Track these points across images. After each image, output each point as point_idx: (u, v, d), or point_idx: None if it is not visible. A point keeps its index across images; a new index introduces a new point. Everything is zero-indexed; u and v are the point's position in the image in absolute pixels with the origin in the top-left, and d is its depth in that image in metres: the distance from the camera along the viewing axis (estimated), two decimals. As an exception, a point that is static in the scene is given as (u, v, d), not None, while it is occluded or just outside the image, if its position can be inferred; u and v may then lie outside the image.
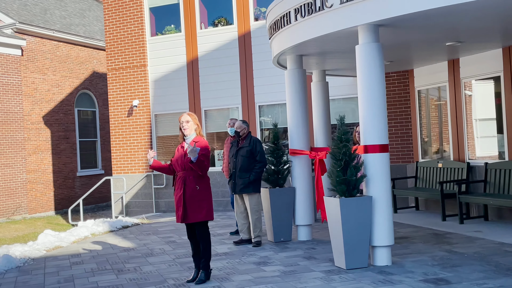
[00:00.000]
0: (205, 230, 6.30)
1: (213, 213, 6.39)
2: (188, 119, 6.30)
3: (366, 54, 6.80)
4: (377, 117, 6.78)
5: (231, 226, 10.66)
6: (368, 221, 6.69)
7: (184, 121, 6.29)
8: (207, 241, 6.32)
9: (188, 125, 6.33)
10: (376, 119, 6.78)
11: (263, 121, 13.82)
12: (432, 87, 11.40)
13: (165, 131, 14.93)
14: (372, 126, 6.79)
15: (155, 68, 14.84)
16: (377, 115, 6.78)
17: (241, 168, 8.43)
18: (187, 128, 6.30)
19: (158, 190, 14.73)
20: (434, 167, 10.99)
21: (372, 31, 6.79)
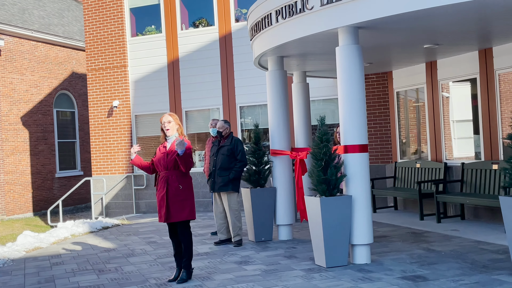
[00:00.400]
0: (187, 230, 6.36)
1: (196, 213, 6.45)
2: (170, 120, 6.35)
3: (346, 55, 6.92)
4: (357, 117, 6.90)
5: (212, 226, 10.72)
6: (348, 220, 6.81)
7: (166, 121, 6.34)
8: (189, 240, 6.37)
9: (170, 125, 6.38)
10: (356, 119, 6.89)
11: (244, 122, 13.89)
12: (410, 88, 11.59)
13: (145, 131, 14.92)
14: (352, 127, 6.91)
15: (136, 69, 14.83)
16: (356, 116, 6.90)
17: (221, 167, 8.50)
18: (169, 128, 6.35)
19: (139, 191, 14.72)
20: (412, 167, 11.17)
21: (352, 33, 6.91)
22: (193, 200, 6.28)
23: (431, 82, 10.77)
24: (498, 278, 5.84)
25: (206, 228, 10.65)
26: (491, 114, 9.41)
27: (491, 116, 9.41)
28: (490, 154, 9.43)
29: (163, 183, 6.23)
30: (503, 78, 9.23)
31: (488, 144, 9.47)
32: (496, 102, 9.31)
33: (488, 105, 9.46)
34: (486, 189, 9.26)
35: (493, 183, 9.12)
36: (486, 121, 9.50)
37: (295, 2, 7.28)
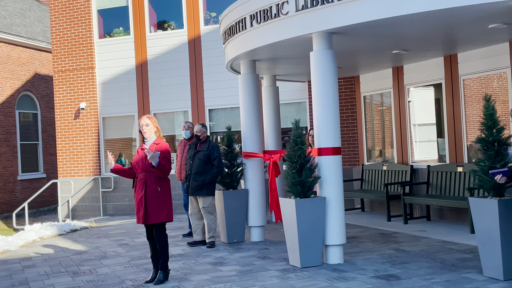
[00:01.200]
0: (163, 232, 6.39)
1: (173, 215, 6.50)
2: (148, 122, 6.38)
3: (320, 60, 7.06)
4: (330, 121, 7.05)
5: (183, 228, 10.73)
6: (322, 221, 6.95)
7: (144, 124, 6.37)
8: (165, 242, 6.40)
9: (148, 128, 6.41)
10: (329, 122, 7.04)
11: (213, 125, 13.94)
12: (377, 93, 11.84)
13: (113, 134, 14.82)
14: (325, 130, 7.05)
15: (103, 71, 14.72)
16: (330, 119, 7.05)
17: (196, 171, 8.54)
18: (147, 131, 6.38)
19: (106, 193, 14.61)
20: (379, 170, 11.42)
21: (326, 38, 7.06)
22: (171, 202, 6.33)
23: (397, 86, 11.04)
24: (468, 276, 6.06)
25: (177, 230, 10.67)
26: (456, 118, 9.72)
27: (456, 120, 9.72)
28: (455, 157, 9.73)
29: (142, 185, 6.26)
30: (467, 83, 9.55)
31: (453, 147, 9.77)
32: (461, 106, 9.62)
33: (453, 109, 9.76)
34: (451, 191, 9.55)
35: (458, 185, 9.42)
36: (451, 125, 9.80)
37: (270, 7, 7.39)
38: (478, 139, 5.96)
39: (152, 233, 6.44)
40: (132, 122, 14.68)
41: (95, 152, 14.72)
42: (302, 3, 6.93)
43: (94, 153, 14.71)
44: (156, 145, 6.36)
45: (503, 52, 8.71)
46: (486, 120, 5.95)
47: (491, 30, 7.52)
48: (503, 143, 5.89)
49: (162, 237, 6.34)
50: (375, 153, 12.08)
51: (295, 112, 13.42)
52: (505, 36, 8.07)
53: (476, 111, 9.41)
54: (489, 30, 7.52)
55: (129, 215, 14.32)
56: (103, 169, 14.73)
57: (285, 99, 13.09)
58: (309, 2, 6.84)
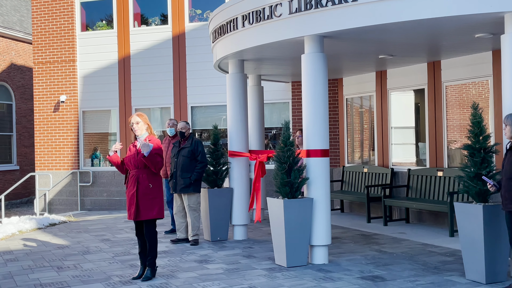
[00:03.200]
0: (153, 228, 6.43)
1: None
2: (138, 120, 6.41)
3: (312, 63, 7.17)
4: (320, 123, 7.16)
5: (165, 225, 10.76)
6: (308, 221, 7.06)
7: (134, 122, 6.40)
8: (154, 239, 6.45)
9: (139, 126, 6.44)
10: (319, 125, 7.16)
11: (196, 122, 13.96)
12: (360, 96, 12.02)
13: (92, 128, 14.74)
14: (314, 132, 7.17)
15: (85, 64, 14.62)
16: (319, 122, 7.16)
17: (182, 168, 8.58)
18: (138, 129, 6.42)
19: (84, 188, 14.52)
20: (359, 172, 11.60)
21: (318, 41, 7.17)
22: (162, 199, 6.37)
23: (380, 90, 11.22)
24: (450, 279, 6.24)
25: (160, 226, 10.67)
26: (437, 123, 9.94)
27: (437, 125, 9.93)
28: (435, 161, 9.95)
29: (133, 182, 6.29)
30: (449, 89, 9.77)
31: (433, 151, 9.99)
32: (443, 112, 9.84)
33: (434, 114, 9.97)
34: (431, 195, 9.77)
35: (438, 189, 9.64)
36: (432, 130, 10.02)
37: (263, 8, 7.47)
38: (465, 146, 6.14)
39: (142, 230, 6.47)
40: (109, 117, 14.62)
41: (74, 145, 14.61)
42: (296, 6, 7.02)
43: (73, 146, 14.61)
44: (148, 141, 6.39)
45: (486, 61, 8.94)
46: (473, 128, 6.13)
47: (477, 39, 7.73)
48: (489, 151, 6.08)
49: (152, 234, 6.38)
50: (356, 155, 12.27)
51: (278, 112, 13.53)
52: (489, 45, 8.30)
53: (457, 117, 9.64)
54: (475, 39, 7.73)
55: (107, 210, 14.27)
56: (81, 163, 14.63)
57: (269, 99, 13.18)
58: (303, 5, 6.95)
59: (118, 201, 14.25)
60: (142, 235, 6.52)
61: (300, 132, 9.84)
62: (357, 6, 6.52)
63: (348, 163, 12.36)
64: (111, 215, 13.20)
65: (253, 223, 10.56)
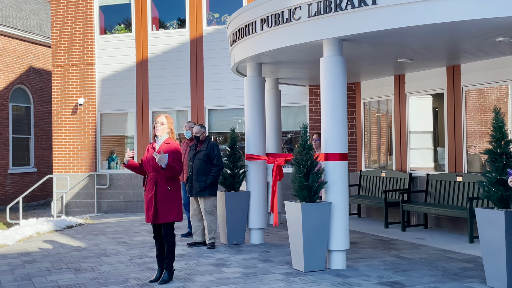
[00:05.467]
0: (172, 231, 6.42)
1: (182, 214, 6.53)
2: (164, 121, 6.41)
3: (331, 66, 7.13)
4: (338, 127, 7.12)
5: (182, 228, 10.75)
6: (327, 226, 7.01)
7: (159, 122, 6.40)
8: (172, 242, 6.44)
9: (162, 127, 6.44)
10: (337, 128, 7.11)
11: (212, 125, 13.96)
12: (378, 100, 11.94)
13: (110, 131, 14.80)
14: (333, 135, 7.12)
15: (103, 67, 14.70)
16: (338, 125, 7.12)
17: (198, 171, 8.57)
18: (160, 129, 6.41)
19: (101, 190, 14.57)
20: (377, 176, 11.51)
21: (337, 45, 7.13)
22: (181, 202, 6.36)
23: (398, 94, 11.14)
24: (471, 285, 6.15)
25: (176, 229, 10.67)
26: (456, 128, 9.83)
27: (456, 130, 9.83)
28: (454, 167, 9.84)
29: (152, 185, 6.28)
30: (469, 94, 9.66)
31: (452, 156, 9.88)
32: (462, 117, 9.73)
33: (454, 119, 9.87)
34: (450, 200, 9.66)
35: (457, 194, 9.53)
36: (451, 135, 9.91)
37: (282, 12, 7.45)
38: (486, 151, 6.06)
39: (160, 233, 6.46)
40: (126, 120, 14.66)
41: (91, 148, 14.68)
42: (315, 10, 6.99)
43: (91, 149, 14.67)
44: (166, 145, 6.39)
45: (506, 65, 8.83)
46: (495, 132, 6.05)
47: (498, 43, 7.63)
48: (511, 156, 5.98)
49: (170, 237, 6.37)
50: (373, 160, 12.18)
51: (294, 116, 13.49)
52: (510, 49, 8.19)
53: (476, 122, 9.53)
54: (496, 43, 7.63)
55: (123, 212, 14.31)
56: (98, 165, 14.69)
57: (286, 102, 13.13)
58: (322, 9, 6.91)
59: (134, 204, 14.28)
60: (160, 237, 6.51)
61: (317, 135, 9.79)
62: (377, 9, 6.46)
63: (365, 168, 12.28)
64: (127, 217, 13.23)
65: (272, 227, 10.51)
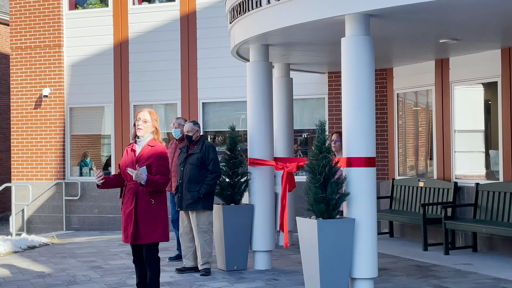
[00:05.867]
0: (156, 254, 6.41)
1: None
2: (147, 118, 6.37)
3: (355, 48, 7.11)
4: (364, 124, 7.08)
5: (170, 250, 10.73)
6: (349, 248, 6.96)
7: (142, 119, 6.36)
8: (156, 267, 6.42)
9: (145, 125, 6.40)
10: (363, 126, 7.08)
11: (208, 123, 13.95)
12: (415, 90, 11.88)
13: (82, 129, 14.84)
14: (357, 135, 7.09)
15: (73, 50, 14.73)
16: (364, 122, 7.08)
17: (190, 179, 8.53)
18: (142, 128, 6.37)
19: (71, 202, 14.59)
20: (413, 187, 11.45)
21: (363, 22, 7.10)
22: (166, 217, 6.34)
23: (441, 84, 11.08)
24: (530, 323, 6.09)
25: (164, 252, 10.61)
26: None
27: (513, 129, 9.78)
28: (510, 174, 9.77)
29: (131, 196, 6.25)
30: (528, 83, 9.61)
31: (508, 161, 9.81)
32: (520, 112, 9.69)
33: (510, 114, 9.79)
34: (505, 216, 9.60)
35: (513, 208, 9.49)
36: (507, 134, 9.85)
37: (294, -20, 7.42)
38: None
39: (141, 256, 6.44)
40: (102, 115, 14.68)
41: (58, 150, 14.70)
42: (335, -23, 6.96)
43: (58, 151, 14.70)
44: (150, 148, 6.35)
45: None
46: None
47: None
48: None
49: (154, 261, 6.36)
50: (409, 166, 12.12)
51: (311, 111, 13.45)
52: None
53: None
54: None
55: (98, 230, 14.31)
56: (67, 172, 14.71)
57: (300, 93, 13.09)
58: (344, -24, 6.88)
59: (112, 220, 14.28)
60: (141, 262, 6.49)
61: (338, 135, 9.70)
62: (413, -24, 6.42)
63: (399, 176, 12.23)
64: (103, 236, 13.21)
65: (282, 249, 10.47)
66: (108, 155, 14.76)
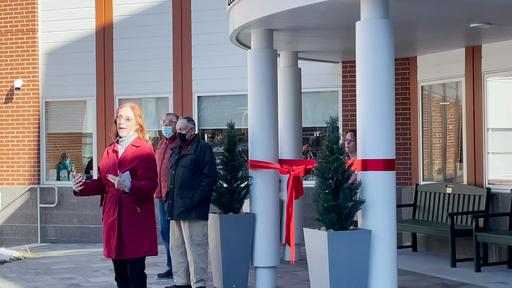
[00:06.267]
0: (142, 270, 6.44)
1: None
2: (130, 116, 6.37)
3: (371, 34, 7.09)
4: (383, 121, 7.07)
5: (159, 266, 10.73)
6: (364, 264, 6.94)
7: (124, 116, 6.35)
8: (143, 285, 6.45)
9: (129, 124, 6.40)
10: (382, 124, 7.06)
11: (203, 119, 13.95)
12: (442, 82, 11.86)
13: (60, 126, 14.88)
14: (375, 134, 7.06)
15: (50, 36, 14.75)
16: (383, 119, 7.07)
17: (182, 184, 8.52)
18: (126, 127, 6.36)
19: (47, 210, 14.61)
20: (440, 193, 11.41)
21: (381, 3, 7.08)
22: (154, 228, 6.35)
23: (472, 75, 11.05)
24: None
25: (152, 267, 10.63)
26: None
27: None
28: (552, 179, 9.76)
29: (114, 204, 6.26)
30: None
31: (549, 164, 9.81)
32: None
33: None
34: (545, 227, 9.59)
35: (555, 219, 9.47)
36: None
37: (303, -46, 7.41)
38: None
39: (125, 272, 6.44)
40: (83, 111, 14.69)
41: (33, 151, 14.73)
42: (348, -49, 6.96)
43: (32, 152, 14.73)
44: (135, 149, 6.35)
45: None
46: None
47: None
48: None
49: (140, 279, 6.38)
50: (435, 169, 12.09)
51: (323, 106, 13.44)
52: None
53: None
54: None
55: (78, 242, 14.33)
56: (43, 176, 14.74)
57: (309, 86, 13.06)
58: (359, -50, 6.88)
59: (93, 230, 14.28)
60: (126, 279, 6.51)
61: (352, 134, 9.67)
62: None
63: (423, 181, 12.20)
64: (83, 249, 13.25)
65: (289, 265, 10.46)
66: (90, 157, 14.77)
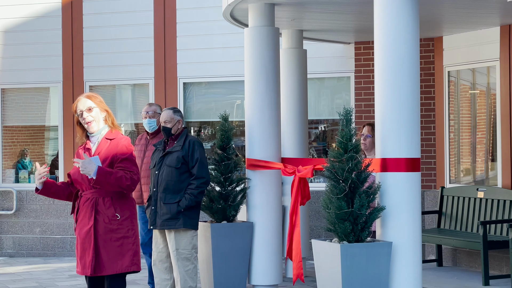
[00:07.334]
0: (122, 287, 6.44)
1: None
2: (90, 105, 6.39)
3: (391, 9, 7.20)
4: (406, 113, 7.12)
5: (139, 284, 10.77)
6: (384, 280, 7.00)
7: (84, 109, 6.37)
8: (123, 308, 6.47)
9: (93, 114, 6.40)
10: (404, 117, 7.12)
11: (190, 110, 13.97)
12: (472, 67, 11.89)
13: (18, 118, 14.88)
14: (396, 129, 7.13)
15: (6, 10, 14.73)
16: (405, 111, 7.13)
17: (167, 187, 8.55)
18: (91, 120, 6.38)
19: (3, 218, 14.62)
20: (470, 198, 11.45)
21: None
22: (137, 239, 6.36)
23: (508, 58, 11.09)
24: None
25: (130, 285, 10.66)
26: None
27: None
28: None
29: (89, 210, 6.28)
30: None
31: None
32: None
33: None
34: None
35: None
36: None
37: None
38: None
39: (100, 292, 6.48)
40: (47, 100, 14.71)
41: None
42: None
43: None
44: (109, 142, 6.38)
45: None
46: None
47: None
48: None
49: (119, 298, 6.40)
50: (464, 170, 12.13)
51: (332, 94, 13.46)
52: None
53: None
54: None
55: (40, 256, 14.34)
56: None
57: (316, 70, 13.11)
58: None
59: (59, 242, 14.31)
60: (101, 300, 6.53)
61: (370, 128, 9.72)
62: None
63: (450, 183, 12.25)
64: (47, 264, 13.27)
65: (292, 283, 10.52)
66: (54, 154, 14.77)
